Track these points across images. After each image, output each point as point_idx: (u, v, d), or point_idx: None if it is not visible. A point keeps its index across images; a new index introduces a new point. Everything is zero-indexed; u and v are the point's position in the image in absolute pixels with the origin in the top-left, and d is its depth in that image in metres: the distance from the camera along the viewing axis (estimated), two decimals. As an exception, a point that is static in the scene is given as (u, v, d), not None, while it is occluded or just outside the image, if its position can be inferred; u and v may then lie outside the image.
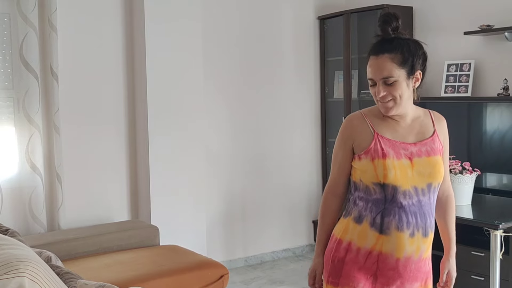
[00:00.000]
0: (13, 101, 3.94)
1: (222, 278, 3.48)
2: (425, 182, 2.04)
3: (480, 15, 4.34)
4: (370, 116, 2.11)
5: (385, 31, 2.08)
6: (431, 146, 2.14)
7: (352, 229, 2.06)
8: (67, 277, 2.04)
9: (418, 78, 2.11)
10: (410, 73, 2.05)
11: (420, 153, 2.08)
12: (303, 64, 5.39)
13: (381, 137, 2.05)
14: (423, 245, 2.04)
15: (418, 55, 2.07)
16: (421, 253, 2.05)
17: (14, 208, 3.91)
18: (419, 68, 2.09)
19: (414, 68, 2.06)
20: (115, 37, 4.32)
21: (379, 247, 2.00)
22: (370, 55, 2.07)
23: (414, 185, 2.02)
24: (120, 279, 3.14)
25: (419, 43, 2.08)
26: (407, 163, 2.04)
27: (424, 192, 2.04)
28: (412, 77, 2.08)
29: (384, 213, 2.00)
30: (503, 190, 4.04)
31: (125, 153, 4.41)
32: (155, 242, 3.97)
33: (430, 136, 2.18)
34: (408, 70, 2.04)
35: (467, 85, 4.38)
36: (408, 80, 2.07)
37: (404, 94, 2.05)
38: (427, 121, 2.23)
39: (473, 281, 3.91)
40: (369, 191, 2.03)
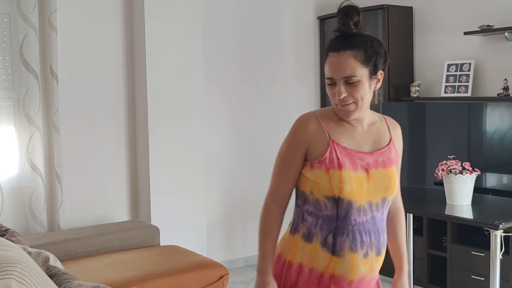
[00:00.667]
0: (13, 101, 3.94)
1: (222, 279, 3.47)
2: (380, 197, 1.86)
3: (480, 15, 4.34)
4: (325, 119, 1.89)
5: (347, 25, 1.80)
6: (387, 156, 1.93)
7: (302, 249, 1.86)
8: (64, 277, 2.03)
9: (379, 79, 1.87)
10: (372, 73, 1.83)
11: (376, 164, 1.87)
12: (303, 64, 5.39)
13: (337, 145, 1.84)
14: (376, 264, 1.86)
15: (380, 53, 1.84)
16: (373, 273, 1.88)
17: (15, 208, 3.91)
18: (381, 68, 1.86)
19: (376, 67, 1.83)
20: (115, 37, 4.32)
21: (331, 269, 1.82)
22: (329, 52, 1.82)
23: (369, 200, 1.83)
24: (120, 279, 3.15)
25: (380, 41, 1.86)
26: (363, 175, 1.84)
27: (378, 207, 1.85)
28: (374, 78, 1.85)
29: (336, 232, 1.80)
30: (503, 190, 4.04)
31: (125, 153, 4.41)
32: (155, 242, 3.97)
33: (387, 144, 1.95)
34: (371, 70, 1.82)
35: (467, 85, 4.38)
36: (371, 80, 1.84)
37: (366, 96, 1.85)
38: (383, 128, 1.96)
39: (473, 281, 3.91)
40: (319, 205, 1.83)
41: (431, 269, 4.27)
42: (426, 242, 4.24)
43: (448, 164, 3.39)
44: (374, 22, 5.00)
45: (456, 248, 4.04)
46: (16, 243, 2.79)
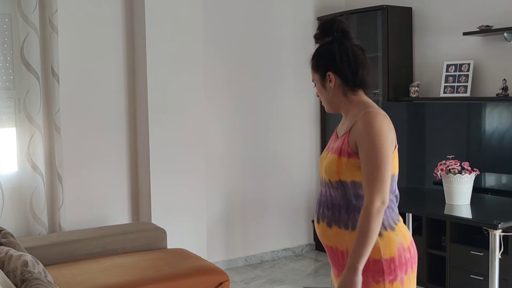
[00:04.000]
0: (14, 101, 3.95)
1: (221, 285, 3.36)
2: (326, 176, 2.11)
3: (479, 15, 4.36)
4: None
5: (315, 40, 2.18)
6: (338, 145, 2.09)
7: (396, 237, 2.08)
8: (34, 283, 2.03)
9: (330, 79, 2.10)
10: (323, 75, 2.11)
11: (332, 149, 2.13)
12: (303, 64, 5.38)
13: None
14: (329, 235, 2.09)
15: (324, 56, 2.11)
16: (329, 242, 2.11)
17: (15, 208, 3.92)
18: (328, 69, 2.09)
19: (323, 70, 2.11)
20: (115, 37, 4.33)
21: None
22: None
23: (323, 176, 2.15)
24: (113, 283, 3.11)
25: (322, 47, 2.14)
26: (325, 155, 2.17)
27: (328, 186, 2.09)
28: (326, 79, 2.11)
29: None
30: (502, 190, 4.05)
31: (126, 153, 4.42)
32: (162, 245, 3.91)
33: (343, 134, 2.09)
34: (321, 73, 2.11)
35: (466, 86, 4.39)
36: (324, 81, 2.12)
37: (322, 95, 2.15)
38: (355, 120, 2.06)
39: (472, 280, 3.93)
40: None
41: (430, 268, 4.29)
42: (426, 242, 4.25)
43: (447, 164, 3.40)
44: (374, 22, 5.01)
45: (455, 248, 4.05)
46: (7, 245, 2.80)
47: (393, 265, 2.03)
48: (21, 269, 2.30)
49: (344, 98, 2.12)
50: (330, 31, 2.13)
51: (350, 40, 2.15)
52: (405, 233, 2.13)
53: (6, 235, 2.96)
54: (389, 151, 2.02)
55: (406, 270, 2.06)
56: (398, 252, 2.04)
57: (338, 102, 2.14)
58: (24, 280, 2.12)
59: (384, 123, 2.02)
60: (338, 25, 2.13)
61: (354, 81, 2.10)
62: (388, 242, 2.05)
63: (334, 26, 2.13)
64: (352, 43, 2.14)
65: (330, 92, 2.12)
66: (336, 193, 2.07)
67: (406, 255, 2.06)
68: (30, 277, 2.10)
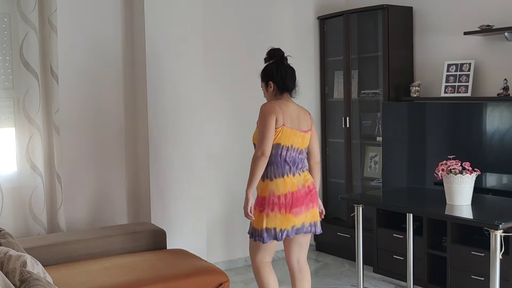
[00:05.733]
0: (13, 101, 3.94)
1: (221, 286, 3.35)
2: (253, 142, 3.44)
3: (480, 15, 4.35)
4: None
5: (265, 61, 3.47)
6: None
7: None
8: (34, 283, 2.02)
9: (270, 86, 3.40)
10: (266, 83, 3.43)
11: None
12: (303, 64, 5.39)
13: None
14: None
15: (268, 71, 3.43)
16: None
17: (15, 208, 3.92)
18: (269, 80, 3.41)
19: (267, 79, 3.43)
20: (115, 37, 4.33)
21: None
22: None
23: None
24: (112, 284, 3.10)
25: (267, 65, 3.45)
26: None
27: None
28: (268, 85, 3.42)
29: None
30: (503, 190, 4.04)
31: (125, 153, 4.41)
32: (161, 245, 3.91)
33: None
34: (266, 82, 3.44)
35: (467, 85, 4.38)
36: (267, 87, 3.44)
37: (265, 95, 3.49)
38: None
39: (473, 281, 3.92)
40: None
41: (431, 269, 4.28)
42: (426, 242, 4.24)
43: (448, 164, 3.40)
44: (374, 22, 5.00)
45: (456, 248, 4.04)
46: (6, 245, 2.80)
47: (264, 201, 3.27)
48: (20, 269, 2.29)
49: (275, 97, 3.40)
50: (274, 56, 3.42)
51: (284, 62, 3.42)
52: (279, 185, 3.26)
53: (5, 236, 2.95)
54: (269, 124, 3.22)
55: (273, 208, 3.24)
56: (269, 195, 3.26)
57: (272, 99, 3.40)
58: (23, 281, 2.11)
59: (267, 107, 3.29)
60: (278, 53, 3.42)
61: (282, 88, 3.39)
62: (265, 186, 3.30)
63: (276, 53, 3.42)
64: (285, 64, 3.42)
65: (270, 93, 3.43)
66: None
67: (274, 199, 3.25)
68: (29, 277, 2.09)
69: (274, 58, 3.40)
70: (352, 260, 5.00)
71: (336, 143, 5.40)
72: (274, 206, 3.23)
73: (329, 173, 5.48)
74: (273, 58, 3.40)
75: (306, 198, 3.31)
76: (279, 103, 3.29)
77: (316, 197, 3.40)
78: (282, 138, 3.25)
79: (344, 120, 5.17)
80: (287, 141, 3.26)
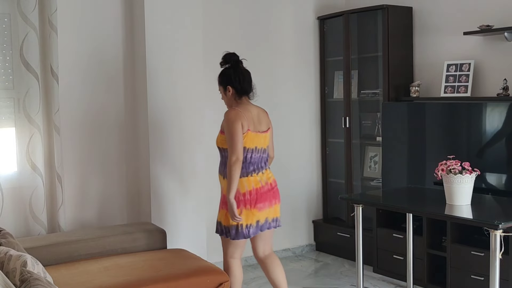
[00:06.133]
0: (14, 101, 3.94)
1: (221, 286, 3.34)
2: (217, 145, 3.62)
3: (480, 15, 4.35)
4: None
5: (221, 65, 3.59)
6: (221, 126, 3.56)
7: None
8: (34, 283, 2.03)
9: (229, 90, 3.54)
10: (225, 87, 3.55)
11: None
12: (303, 64, 5.40)
13: None
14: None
15: (225, 76, 3.56)
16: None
17: (15, 208, 3.92)
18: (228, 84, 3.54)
19: (225, 84, 3.56)
20: (115, 37, 4.33)
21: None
22: None
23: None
24: (112, 284, 3.09)
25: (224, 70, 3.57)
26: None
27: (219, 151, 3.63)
28: (227, 89, 3.54)
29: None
30: (502, 190, 4.05)
31: (126, 153, 4.41)
32: (162, 245, 3.90)
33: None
34: (224, 86, 3.56)
35: (466, 85, 4.39)
36: (226, 91, 3.56)
37: (224, 99, 3.62)
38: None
39: (472, 281, 3.92)
40: None
41: (431, 269, 4.28)
42: (426, 242, 4.25)
43: (448, 164, 3.40)
44: (374, 22, 5.01)
45: (456, 248, 4.04)
46: (6, 245, 2.80)
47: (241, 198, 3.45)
48: (21, 269, 2.29)
49: (235, 101, 3.55)
50: (229, 60, 3.54)
51: (240, 66, 3.55)
52: (244, 183, 3.46)
53: (6, 235, 2.95)
54: (237, 130, 3.38)
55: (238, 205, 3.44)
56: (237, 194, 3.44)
57: (231, 103, 3.56)
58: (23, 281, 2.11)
59: (232, 115, 3.42)
60: (234, 57, 3.54)
61: (240, 91, 3.53)
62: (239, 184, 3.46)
63: (232, 57, 3.54)
64: (241, 68, 3.54)
65: (229, 97, 3.56)
66: (221, 155, 3.58)
67: (240, 196, 3.45)
68: (30, 277, 2.09)
69: (230, 63, 3.54)
70: (352, 260, 5.00)
71: (336, 143, 5.40)
72: (239, 203, 3.44)
73: (329, 173, 5.48)
74: (229, 63, 3.54)
75: (269, 194, 3.54)
76: (241, 108, 3.46)
77: (278, 194, 3.63)
78: (248, 142, 3.45)
79: (344, 120, 5.17)
80: (251, 144, 3.46)
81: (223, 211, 3.54)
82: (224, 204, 3.53)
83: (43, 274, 2.50)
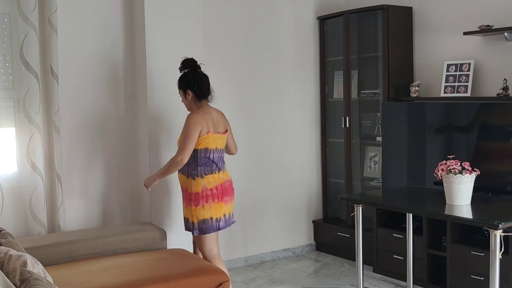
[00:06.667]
0: (14, 101, 3.94)
1: (221, 286, 3.33)
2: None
3: (480, 15, 4.35)
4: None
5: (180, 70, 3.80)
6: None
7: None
8: (34, 283, 2.03)
9: (189, 93, 3.76)
10: (184, 91, 3.78)
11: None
12: (303, 64, 5.40)
13: None
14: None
15: (185, 80, 3.77)
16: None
17: (15, 208, 3.92)
18: (187, 88, 3.76)
19: (185, 88, 3.77)
20: (115, 37, 4.33)
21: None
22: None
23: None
24: (112, 284, 3.09)
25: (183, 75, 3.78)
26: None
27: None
28: (186, 93, 3.77)
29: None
30: (502, 190, 4.04)
31: (126, 153, 4.41)
32: (162, 245, 3.90)
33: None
34: (184, 90, 3.78)
35: (466, 85, 4.39)
36: (185, 95, 3.78)
37: (184, 102, 3.84)
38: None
39: (472, 281, 3.92)
40: None
41: (430, 269, 4.28)
42: (426, 242, 4.25)
43: (448, 164, 3.40)
44: (374, 22, 5.01)
45: (456, 248, 4.04)
46: (6, 245, 2.80)
47: (197, 196, 3.67)
48: (21, 269, 2.29)
49: (195, 104, 3.79)
50: (188, 65, 3.76)
51: (198, 71, 3.77)
52: (210, 180, 3.70)
53: (5, 235, 2.95)
54: (192, 135, 3.63)
55: (207, 200, 3.68)
56: (202, 190, 3.67)
57: (191, 106, 3.80)
58: (23, 281, 2.11)
59: (193, 118, 3.66)
60: (192, 63, 3.77)
61: (200, 95, 3.75)
62: (197, 183, 3.68)
63: (190, 63, 3.76)
64: (199, 73, 3.76)
65: (189, 100, 3.79)
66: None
67: (207, 192, 3.68)
68: (30, 277, 2.09)
69: (188, 68, 3.76)
70: (352, 260, 5.00)
71: (336, 143, 5.40)
72: (208, 198, 3.69)
73: (329, 173, 5.49)
74: (188, 68, 3.76)
75: (230, 190, 3.83)
76: (202, 111, 3.72)
77: (234, 191, 3.90)
78: (209, 143, 3.70)
79: (344, 120, 5.18)
80: (213, 144, 3.73)
81: (190, 208, 3.72)
82: (190, 201, 3.72)
83: (43, 274, 2.50)
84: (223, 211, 3.76)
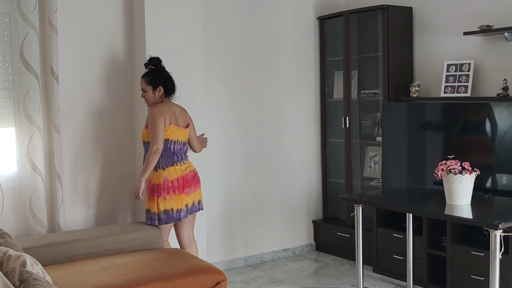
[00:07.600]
0: (14, 101, 3.94)
1: (219, 285, 3.32)
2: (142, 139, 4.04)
3: (480, 15, 4.35)
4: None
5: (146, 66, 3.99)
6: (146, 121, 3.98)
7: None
8: (33, 283, 2.03)
9: (160, 90, 3.94)
10: (154, 87, 3.94)
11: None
12: (303, 64, 5.39)
13: None
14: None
15: (156, 77, 3.93)
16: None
17: (15, 208, 3.92)
18: (158, 85, 3.93)
19: (156, 84, 3.94)
20: (115, 37, 4.33)
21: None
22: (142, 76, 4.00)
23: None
24: (110, 283, 3.09)
25: (154, 73, 3.96)
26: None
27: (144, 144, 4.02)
28: (156, 89, 3.94)
29: None
30: (502, 190, 4.04)
31: (125, 152, 4.41)
32: (159, 245, 3.90)
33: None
34: (154, 86, 3.93)
35: (466, 85, 4.38)
36: (155, 91, 3.94)
37: (150, 98, 3.96)
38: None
39: (472, 281, 3.92)
40: None
41: (430, 269, 4.28)
42: (426, 242, 4.24)
43: (448, 164, 3.40)
44: (374, 22, 5.01)
45: (456, 248, 4.04)
46: (4, 245, 2.80)
47: (159, 187, 3.85)
48: (20, 269, 2.29)
49: (160, 100, 3.93)
50: (156, 63, 3.97)
51: (165, 70, 3.98)
52: (172, 172, 3.88)
53: (4, 235, 2.95)
54: (160, 124, 3.80)
55: (168, 192, 3.86)
56: (163, 181, 3.85)
57: (156, 101, 3.93)
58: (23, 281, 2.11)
59: (157, 110, 3.84)
60: (159, 61, 3.98)
61: (169, 92, 3.97)
62: (159, 175, 3.88)
63: (159, 61, 3.97)
64: (167, 72, 3.98)
65: (156, 96, 3.93)
66: (145, 149, 3.95)
67: (169, 184, 3.86)
68: (29, 277, 2.09)
69: (157, 66, 3.96)
70: (352, 260, 5.00)
71: (336, 143, 5.40)
72: (169, 190, 3.86)
73: (329, 173, 5.48)
74: (156, 65, 3.96)
75: (193, 180, 4.00)
76: (164, 105, 3.90)
77: (199, 180, 4.07)
78: (170, 135, 3.87)
79: (344, 120, 5.17)
80: (173, 136, 3.89)
81: (153, 198, 3.89)
82: (152, 192, 3.90)
83: (42, 274, 2.50)
84: (185, 202, 3.93)
